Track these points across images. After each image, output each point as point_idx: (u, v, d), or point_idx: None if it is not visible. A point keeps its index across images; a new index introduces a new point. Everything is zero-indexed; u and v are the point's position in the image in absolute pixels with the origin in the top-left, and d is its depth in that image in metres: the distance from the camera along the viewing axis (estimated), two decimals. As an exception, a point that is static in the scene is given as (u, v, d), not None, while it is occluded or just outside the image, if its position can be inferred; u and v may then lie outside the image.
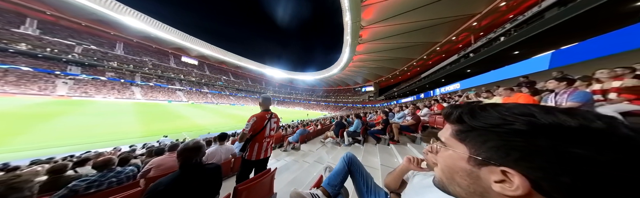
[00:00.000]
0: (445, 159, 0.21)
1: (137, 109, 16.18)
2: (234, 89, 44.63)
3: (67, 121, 9.36)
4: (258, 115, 1.31)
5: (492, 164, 0.17)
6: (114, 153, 3.65)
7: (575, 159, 0.13)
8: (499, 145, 0.17)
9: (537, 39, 6.13)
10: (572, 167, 0.13)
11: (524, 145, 0.15)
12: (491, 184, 0.17)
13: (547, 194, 0.14)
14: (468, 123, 0.19)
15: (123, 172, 1.26)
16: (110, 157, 1.26)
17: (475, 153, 0.18)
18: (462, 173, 0.19)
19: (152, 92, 27.13)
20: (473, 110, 0.20)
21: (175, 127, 10.44)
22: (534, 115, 0.16)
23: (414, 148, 2.10)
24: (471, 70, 10.64)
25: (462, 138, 0.20)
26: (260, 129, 1.28)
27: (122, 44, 30.71)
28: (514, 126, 0.16)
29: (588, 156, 0.13)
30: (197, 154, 0.79)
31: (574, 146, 0.13)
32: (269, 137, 1.35)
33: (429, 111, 3.23)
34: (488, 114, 0.18)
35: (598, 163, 0.13)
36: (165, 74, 31.79)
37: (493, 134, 0.17)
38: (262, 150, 1.30)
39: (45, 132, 7.30)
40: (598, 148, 0.13)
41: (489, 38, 9.68)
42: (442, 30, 13.26)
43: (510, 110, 0.17)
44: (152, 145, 5.34)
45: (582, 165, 0.13)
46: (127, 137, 7.61)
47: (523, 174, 0.15)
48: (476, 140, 0.19)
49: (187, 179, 0.74)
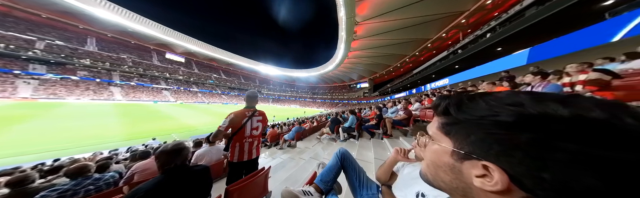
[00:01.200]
0: (430, 154, 0.21)
1: (119, 111, 15.01)
2: (226, 87, 42.82)
3: (35, 125, 8.46)
4: (237, 112, 1.21)
5: (474, 158, 0.16)
6: (92, 158, 3.35)
7: (560, 154, 0.12)
8: (482, 138, 0.16)
9: (518, 36, 6.56)
10: (555, 163, 0.12)
11: (507, 138, 0.14)
12: (472, 179, 0.16)
13: (530, 191, 0.13)
14: (454, 115, 0.18)
15: (102, 178, 1.18)
16: (86, 163, 1.17)
17: (458, 147, 0.18)
18: (446, 167, 0.19)
19: (135, 92, 25.13)
20: (460, 100, 0.18)
21: (163, 128, 9.93)
22: (522, 104, 0.14)
23: (406, 142, 2.21)
24: (459, 66, 11.17)
25: (447, 131, 0.19)
26: (239, 128, 1.18)
27: (94, 39, 27.49)
28: (499, 117, 0.15)
29: (576, 151, 0.11)
30: (176, 157, 0.74)
31: (561, 139, 0.12)
32: (251, 136, 1.23)
33: (420, 105, 3.37)
34: (475, 105, 0.17)
35: (587, 159, 0.11)
36: (149, 73, 29.36)
37: (477, 127, 0.16)
38: (244, 151, 1.20)
39: (8, 139, 6.56)
40: (589, 142, 0.11)
41: (475, 35, 10.09)
42: (433, 27, 13.54)
43: (500, 99, 0.16)
44: (136, 148, 5.03)
45: (567, 162, 0.12)
46: (109, 141, 7.09)
47: (503, 169, 0.14)
48: (461, 134, 0.18)
49: (170, 183, 0.69)
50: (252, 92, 1.31)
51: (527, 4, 6.90)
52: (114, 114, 13.26)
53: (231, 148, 1.20)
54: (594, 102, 0.13)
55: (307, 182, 0.88)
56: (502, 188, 0.14)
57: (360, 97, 38.48)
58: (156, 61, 33.50)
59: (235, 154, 1.20)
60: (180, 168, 0.74)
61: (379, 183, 0.75)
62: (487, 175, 0.15)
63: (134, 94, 24.66)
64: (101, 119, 11.12)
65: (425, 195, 0.47)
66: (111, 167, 1.75)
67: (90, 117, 11.44)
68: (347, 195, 0.87)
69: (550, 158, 0.12)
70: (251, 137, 1.24)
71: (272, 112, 21.14)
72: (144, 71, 28.75)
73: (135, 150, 3.70)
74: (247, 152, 1.22)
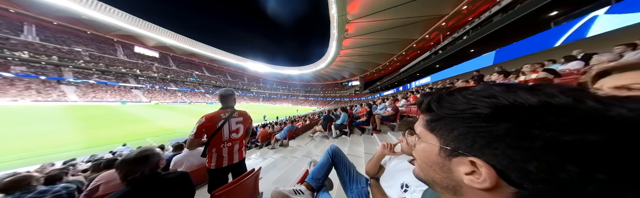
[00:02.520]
0: (419, 153, 0.20)
1: (75, 114, 12.77)
2: (210, 85, 39.44)
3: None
4: (210, 114, 1.06)
5: (461, 154, 0.16)
6: (41, 171, 2.78)
7: (539, 142, 0.12)
8: (465, 132, 0.15)
9: (486, 39, 7.49)
10: (535, 152, 0.12)
11: (487, 131, 0.14)
12: (462, 177, 0.15)
13: (518, 185, 0.13)
14: (436, 111, 0.18)
15: (49, 191, 1.01)
16: (26, 175, 1.00)
17: (444, 144, 0.17)
18: (435, 166, 0.18)
19: (95, 92, 21.54)
20: (440, 96, 0.18)
21: (135, 132, 8.75)
22: (495, 95, 0.14)
23: (393, 136, 2.37)
24: (439, 66, 12.23)
25: (432, 128, 0.19)
26: (214, 132, 1.04)
27: (33, 27, 22.38)
28: (477, 110, 0.15)
29: (549, 137, 0.11)
30: (143, 165, 0.65)
31: (534, 127, 0.12)
32: (230, 140, 1.10)
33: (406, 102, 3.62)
34: (454, 99, 0.17)
35: (559, 145, 0.11)
36: (113, 69, 25.24)
37: (459, 121, 0.16)
38: (223, 157, 1.08)
39: None
40: (557, 127, 0.11)
41: (453, 37, 11.06)
42: (418, 28, 14.42)
43: (476, 92, 0.16)
44: (101, 157, 4.38)
45: (545, 150, 0.11)
46: (64, 150, 6.02)
47: (489, 164, 0.14)
48: (444, 129, 0.17)
49: (138, 195, 0.62)
50: (226, 90, 1.14)
51: (495, 11, 7.80)
52: (68, 118, 11.24)
53: (208, 154, 1.08)
54: (558, 88, 0.13)
55: (298, 180, 0.88)
56: (490, 185, 0.14)
57: (351, 95, 39.52)
58: (122, 56, 28.95)
59: (212, 161, 1.08)
60: (150, 177, 0.66)
61: (368, 177, 0.79)
62: (475, 172, 0.15)
63: (94, 93, 21.10)
64: (51, 125, 9.29)
65: (409, 185, 0.51)
66: (65, 178, 1.50)
67: (35, 123, 9.51)
68: (338, 191, 0.90)
69: (530, 147, 0.12)
70: (230, 141, 1.10)
71: (262, 112, 20.27)
72: (106, 67, 24.61)
73: (99, 159, 3.20)
74: (227, 158, 1.11)
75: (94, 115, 12.92)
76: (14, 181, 0.96)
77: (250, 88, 49.57)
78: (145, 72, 28.99)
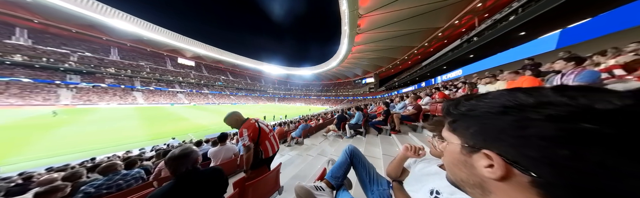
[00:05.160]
0: (447, 154, 0.22)
1: (142, 113, 16.53)
2: (234, 88, 44.59)
3: (77, 129, 9.73)
4: (245, 125, 1.30)
5: (477, 149, 0.17)
6: (122, 156, 3.73)
7: (531, 130, 0.13)
8: (478, 129, 0.17)
9: (546, 17, 5.68)
10: (530, 140, 0.13)
11: (495, 124, 0.16)
12: (483, 171, 0.17)
13: (526, 172, 0.14)
14: (454, 112, 0.20)
15: (129, 174, 1.33)
16: (113, 162, 1.34)
17: (464, 142, 0.19)
18: (460, 165, 0.19)
19: (154, 96, 27.38)
20: (458, 101, 0.20)
21: (180, 128, 10.76)
22: (501, 98, 0.16)
23: (415, 137, 2.13)
24: (474, 55, 10.21)
25: (453, 128, 0.21)
26: (258, 131, 1.30)
27: (116, 49, 30.09)
28: (486, 109, 0.17)
29: (543, 126, 0.13)
30: (186, 162, 0.74)
31: (531, 119, 0.14)
32: (270, 131, 1.41)
33: (430, 99, 3.19)
34: (470, 103, 0.19)
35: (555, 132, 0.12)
36: (164, 77, 31.70)
37: (473, 119, 0.18)
38: (273, 144, 1.39)
39: (58, 140, 7.65)
40: (553, 118, 0.13)
41: (494, 19, 9.04)
42: (443, 15, 12.42)
43: (489, 97, 0.18)
44: (160, 147, 5.61)
45: (539, 137, 0.13)
46: (137, 141, 7.93)
47: (499, 155, 0.15)
48: (462, 128, 0.19)
49: (183, 188, 0.70)
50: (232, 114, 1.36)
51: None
52: (138, 117, 14.66)
53: (262, 146, 1.32)
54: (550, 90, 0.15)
55: (317, 177, 0.90)
56: (502, 173, 0.15)
57: (365, 93, 37.64)
58: (170, 66, 35.77)
59: (269, 150, 1.34)
60: (191, 172, 0.75)
61: (390, 179, 0.75)
62: (493, 165, 0.16)
63: (153, 97, 26.90)
64: (128, 121, 12.37)
65: (441, 192, 0.45)
66: (140, 163, 1.96)
67: (119, 120, 12.78)
68: (357, 191, 0.88)
69: (526, 135, 0.14)
70: (271, 132, 1.42)
71: (279, 111, 21.96)
72: (160, 76, 31.11)
73: (159, 149, 4.11)
74: (274, 144, 1.40)
75: (153, 114, 16.42)
76: (107, 166, 1.30)
77: (267, 89, 53.39)
78: (185, 78, 35.08)
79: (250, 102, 40.55)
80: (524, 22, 6.14)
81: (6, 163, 5.40)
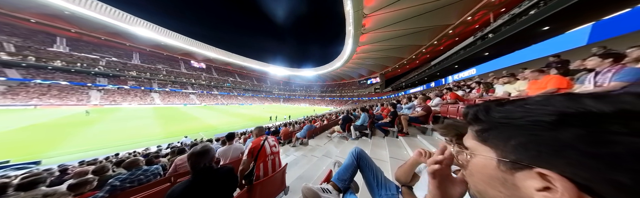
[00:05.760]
0: (473, 169, 0.18)
1: (158, 113, 17.80)
2: (241, 89, 46.33)
3: (104, 127, 10.76)
4: (254, 140, 1.35)
5: (525, 167, 0.13)
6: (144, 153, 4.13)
7: (619, 148, 0.10)
8: (525, 141, 0.14)
9: (575, 9, 5.09)
10: (622, 160, 0.10)
11: (554, 138, 0.12)
12: (533, 194, 0.13)
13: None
14: (485, 120, 0.17)
15: (149, 170, 1.44)
16: (136, 158, 1.47)
17: (502, 155, 0.15)
18: (495, 183, 0.16)
19: (169, 97, 29.37)
20: (488, 106, 0.17)
21: (192, 127, 11.43)
22: (557, 104, 0.13)
23: (425, 140, 2.03)
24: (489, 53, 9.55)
25: (484, 138, 0.17)
26: (258, 150, 1.25)
27: (137, 54, 32.93)
28: (537, 117, 0.13)
29: (637, 143, 0.10)
30: (205, 158, 0.79)
31: (614, 133, 0.11)
32: (273, 154, 1.34)
33: (441, 101, 3.03)
34: (506, 109, 0.16)
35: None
36: (178, 79, 33.93)
37: (515, 129, 0.14)
38: (268, 171, 1.26)
39: (89, 136, 8.52)
40: None
41: (511, 14, 8.42)
42: (454, 11, 11.83)
43: (533, 102, 0.14)
44: (175, 145, 6.02)
45: (634, 156, 0.10)
46: (154, 138, 8.58)
47: (564, 176, 0.12)
48: (498, 139, 0.16)
49: (199, 185, 0.74)
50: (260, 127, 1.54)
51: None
52: (155, 116, 15.78)
53: (256, 167, 1.23)
54: (629, 93, 0.12)
55: (323, 179, 0.89)
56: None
57: (371, 93, 36.94)
58: (183, 69, 38.14)
59: (260, 173, 1.22)
60: (208, 169, 0.80)
61: (399, 184, 0.72)
62: (550, 188, 0.12)
63: (168, 98, 28.86)
64: (147, 120, 13.40)
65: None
66: (158, 160, 2.11)
67: (139, 119, 13.89)
68: (364, 194, 0.86)
69: (614, 154, 0.10)
70: (273, 154, 1.34)
71: (283, 112, 22.42)
72: (175, 78, 33.36)
73: (174, 147, 4.40)
74: (269, 171, 1.26)
75: (168, 114, 17.59)
76: (131, 162, 1.43)
77: (272, 90, 54.64)
78: (197, 80, 37.11)
79: (257, 102, 41.84)
80: (549, 15, 5.55)
81: (47, 156, 6.13)
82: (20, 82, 18.65)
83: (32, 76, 19.56)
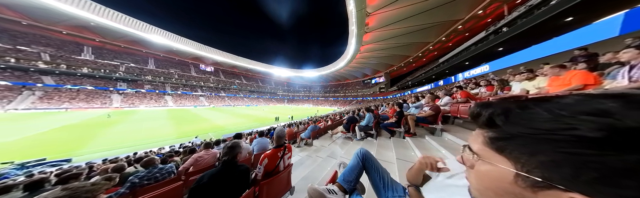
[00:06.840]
0: (482, 176, 0.16)
1: (171, 115, 18.91)
2: (247, 91, 47.83)
3: (124, 128, 11.66)
4: (269, 154, 1.18)
5: (557, 188, 0.11)
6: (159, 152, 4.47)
7: None
8: (558, 159, 0.11)
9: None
10: None
11: (603, 161, 0.10)
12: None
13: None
14: (503, 127, 0.14)
15: (164, 168, 1.54)
16: (152, 157, 1.58)
17: (523, 170, 0.13)
18: (507, 196, 0.14)
19: (181, 99, 31.10)
20: (508, 109, 0.14)
21: (202, 128, 12.01)
22: (610, 112, 0.10)
23: (433, 141, 1.94)
24: (504, 48, 8.94)
25: (500, 148, 0.14)
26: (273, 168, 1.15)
27: (152, 60, 35.39)
28: (578, 132, 0.11)
29: None
30: (233, 151, 0.97)
31: None
32: (286, 169, 1.25)
33: (450, 99, 2.88)
34: (531, 114, 0.13)
35: None
36: (189, 83, 35.84)
37: (545, 143, 0.12)
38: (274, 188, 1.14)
39: (111, 137, 9.30)
40: None
41: (529, 6, 7.83)
42: (464, 5, 11.27)
43: (570, 107, 0.11)
44: (186, 145, 6.44)
45: None
46: (168, 138, 9.17)
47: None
48: (520, 152, 0.13)
49: (225, 174, 0.91)
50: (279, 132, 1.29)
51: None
52: (168, 118, 16.77)
53: None
54: None
55: (329, 180, 0.89)
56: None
57: (376, 93, 36.23)
58: (193, 73, 40.25)
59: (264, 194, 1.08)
60: (232, 162, 0.96)
61: (405, 185, 0.70)
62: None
63: (180, 100, 30.55)
64: (161, 121, 14.31)
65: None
66: (172, 159, 2.25)
67: (154, 120, 14.85)
68: (370, 196, 0.84)
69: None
70: (286, 170, 1.26)
71: (288, 112, 22.80)
72: (186, 81, 35.27)
73: (185, 147, 4.65)
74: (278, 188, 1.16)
75: (180, 115, 18.58)
76: (148, 161, 1.54)
77: (276, 91, 55.69)
78: (206, 83, 38.95)
79: (262, 103, 42.98)
80: (573, 3, 4.90)
81: (77, 154, 6.79)
82: (54, 87, 20.94)
83: (64, 82, 21.87)
